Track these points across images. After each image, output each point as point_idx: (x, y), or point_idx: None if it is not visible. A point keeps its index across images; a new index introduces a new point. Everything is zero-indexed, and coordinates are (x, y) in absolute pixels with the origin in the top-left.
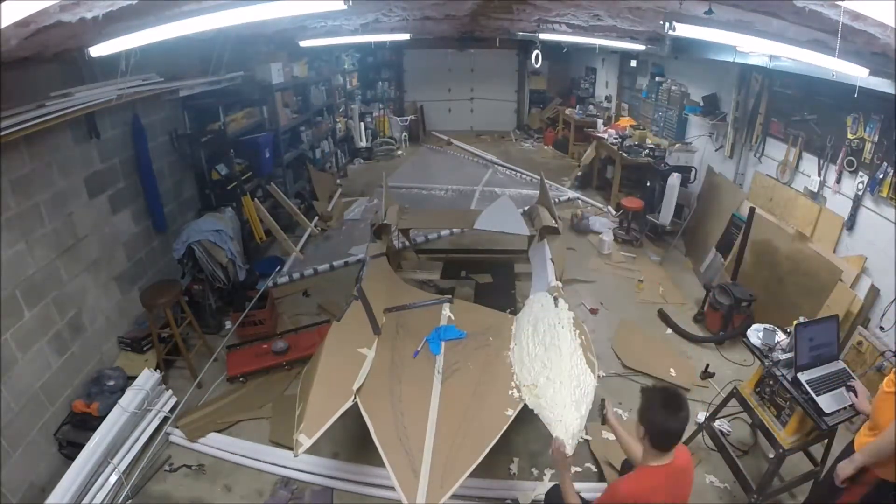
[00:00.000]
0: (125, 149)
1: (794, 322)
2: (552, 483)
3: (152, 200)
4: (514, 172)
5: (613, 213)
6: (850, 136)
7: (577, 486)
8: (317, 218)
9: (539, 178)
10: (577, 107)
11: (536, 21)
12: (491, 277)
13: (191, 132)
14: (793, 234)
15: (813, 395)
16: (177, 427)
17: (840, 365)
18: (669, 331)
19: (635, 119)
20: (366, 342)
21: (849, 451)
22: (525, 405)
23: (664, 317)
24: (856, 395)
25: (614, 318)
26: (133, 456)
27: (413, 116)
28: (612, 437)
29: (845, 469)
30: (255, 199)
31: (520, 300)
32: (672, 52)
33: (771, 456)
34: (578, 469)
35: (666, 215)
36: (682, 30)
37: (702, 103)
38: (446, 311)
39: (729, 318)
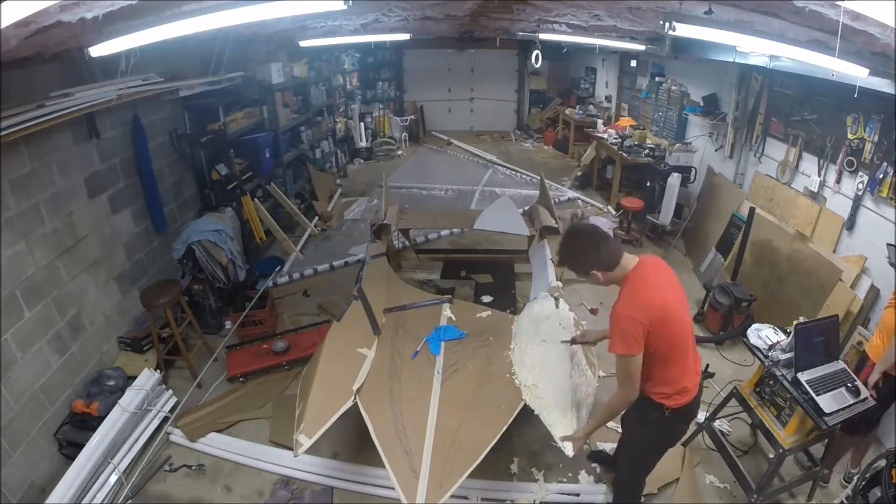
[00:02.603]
0: (125, 149)
1: (794, 322)
2: (549, 484)
3: (152, 200)
4: (514, 172)
5: (613, 213)
6: (850, 136)
7: (577, 487)
8: (317, 218)
9: (539, 178)
10: (577, 107)
11: (536, 21)
12: (491, 277)
13: (191, 132)
14: (793, 234)
15: (813, 395)
16: (177, 427)
17: (840, 365)
18: None
19: (635, 119)
20: (366, 342)
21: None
22: (525, 405)
23: None
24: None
25: None
26: (133, 456)
27: (413, 116)
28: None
29: (873, 378)
30: (255, 199)
31: (520, 300)
32: (672, 52)
33: (771, 456)
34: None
35: (666, 215)
36: (682, 30)
37: (702, 103)
38: (446, 311)
39: (729, 318)
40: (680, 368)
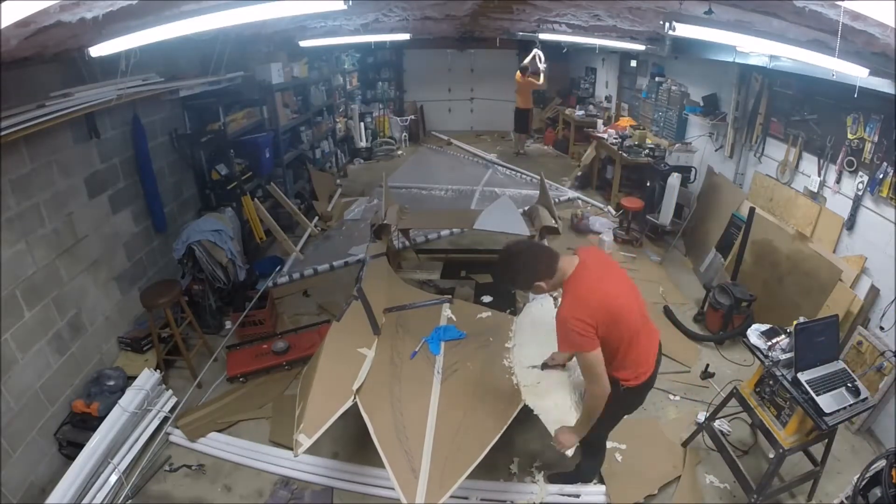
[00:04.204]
0: (125, 149)
1: (794, 322)
2: (549, 485)
3: (152, 200)
4: (514, 172)
5: (613, 213)
6: (850, 136)
7: (578, 489)
8: (317, 218)
9: (539, 178)
10: (577, 107)
11: (536, 21)
12: (491, 277)
13: (191, 132)
14: (793, 234)
15: (813, 395)
16: (177, 427)
17: (840, 365)
18: None
19: (635, 119)
20: (366, 342)
21: None
22: (525, 405)
23: (669, 314)
24: None
25: None
26: (133, 456)
27: (413, 116)
28: (611, 444)
29: None
30: (255, 199)
31: (520, 300)
32: (672, 52)
33: (771, 456)
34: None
35: (666, 215)
36: (682, 30)
37: (702, 103)
38: (446, 311)
39: (729, 318)
40: (634, 356)
